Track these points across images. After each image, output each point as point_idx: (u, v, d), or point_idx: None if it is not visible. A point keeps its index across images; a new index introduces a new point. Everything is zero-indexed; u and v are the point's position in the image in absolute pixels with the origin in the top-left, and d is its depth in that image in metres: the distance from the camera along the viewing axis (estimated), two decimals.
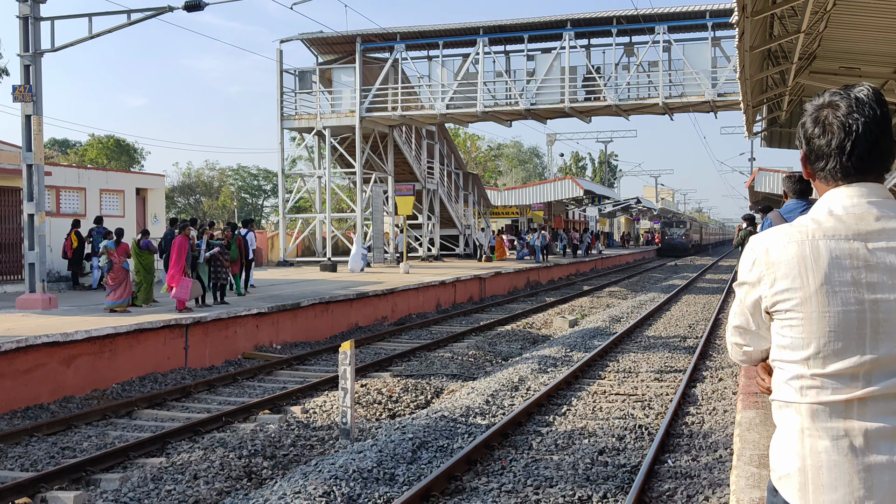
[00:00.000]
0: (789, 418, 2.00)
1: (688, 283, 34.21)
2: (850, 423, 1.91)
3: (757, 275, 2.02)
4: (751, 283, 2.05)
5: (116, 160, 62.94)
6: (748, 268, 2.06)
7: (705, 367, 13.61)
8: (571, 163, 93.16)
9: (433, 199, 38.84)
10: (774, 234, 2.02)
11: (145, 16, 16.38)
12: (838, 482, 1.90)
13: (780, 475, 2.01)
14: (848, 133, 1.98)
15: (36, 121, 15.52)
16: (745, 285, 2.08)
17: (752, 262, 2.04)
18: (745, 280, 2.08)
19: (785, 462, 2.00)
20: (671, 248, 68.86)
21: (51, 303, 15.32)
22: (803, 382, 1.96)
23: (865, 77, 12.43)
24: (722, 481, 7.34)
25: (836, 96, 2.02)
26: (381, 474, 7.64)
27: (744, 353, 2.22)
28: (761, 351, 2.17)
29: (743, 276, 2.09)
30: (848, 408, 1.91)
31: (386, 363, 14.30)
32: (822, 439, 1.93)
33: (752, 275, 2.04)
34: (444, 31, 32.42)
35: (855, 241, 1.94)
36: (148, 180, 26.00)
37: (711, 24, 29.61)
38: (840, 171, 2.01)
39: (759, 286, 2.03)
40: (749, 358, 2.22)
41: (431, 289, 23.59)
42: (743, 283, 2.09)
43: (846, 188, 2.00)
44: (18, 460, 8.72)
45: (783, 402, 2.02)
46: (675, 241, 69.32)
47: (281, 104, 33.52)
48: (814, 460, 1.94)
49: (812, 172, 2.10)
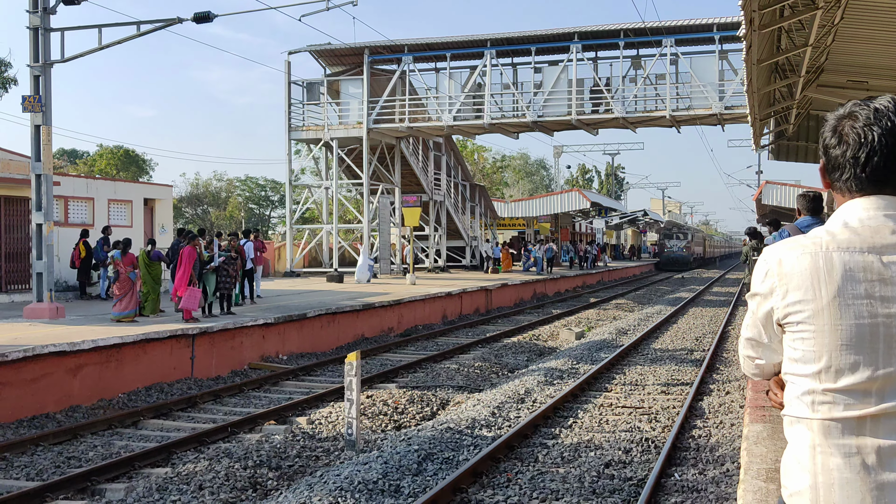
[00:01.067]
0: (801, 434, 1.97)
1: (695, 295, 34.12)
2: (863, 440, 1.88)
3: (769, 286, 2.00)
4: (763, 295, 2.03)
5: (125, 170, 63.21)
6: (761, 279, 2.04)
7: (712, 380, 13.55)
8: (578, 175, 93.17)
9: (440, 210, 38.86)
10: (788, 245, 1.99)
11: (155, 27, 16.48)
12: (850, 500, 1.87)
13: (792, 492, 1.99)
14: (863, 144, 1.94)
15: (45, 131, 15.60)
16: (757, 296, 2.06)
17: (764, 272, 2.02)
18: (757, 291, 2.05)
19: (796, 479, 1.97)
20: (670, 262, 64.44)
21: (58, 312, 15.35)
22: (815, 398, 1.93)
23: (873, 90, 12.43)
24: (729, 495, 7.30)
25: (856, 107, 2.00)
26: (386, 486, 7.62)
27: (756, 367, 2.19)
28: (774, 364, 2.14)
29: (755, 287, 2.06)
30: (860, 424, 1.88)
31: (392, 374, 14.28)
32: (834, 456, 1.90)
33: (764, 286, 2.02)
34: (452, 44, 32.53)
35: (870, 254, 1.91)
36: (156, 190, 26.09)
37: (719, 37, 29.62)
38: (855, 183, 1.98)
39: (771, 297, 2.00)
40: (762, 371, 2.20)
41: (438, 300, 23.57)
42: (755, 294, 2.06)
43: (863, 200, 1.97)
44: (24, 469, 8.73)
45: (795, 418, 1.99)
46: (674, 253, 64.51)
47: (289, 115, 33.63)
48: (825, 478, 1.91)
49: (830, 183, 2.07)
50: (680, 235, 65.03)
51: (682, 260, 63.75)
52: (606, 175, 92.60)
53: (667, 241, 65.18)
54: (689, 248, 64.61)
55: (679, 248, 63.90)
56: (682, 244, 63.96)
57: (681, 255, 63.83)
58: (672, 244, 64.32)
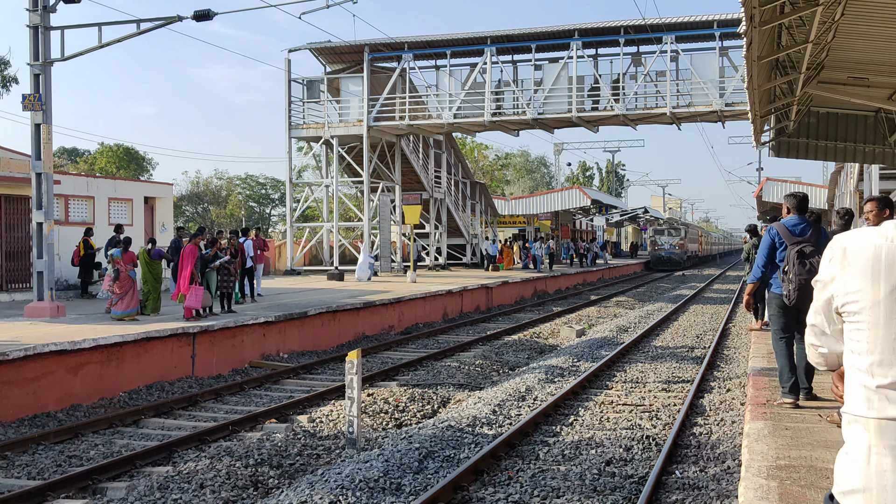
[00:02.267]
0: (858, 434, 1.97)
1: (695, 293, 34.11)
2: None
3: (831, 273, 2.01)
4: (824, 282, 2.04)
5: (125, 169, 63.23)
6: (825, 266, 2.05)
7: (713, 378, 13.55)
8: (579, 172, 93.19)
9: (440, 208, 38.87)
10: (855, 235, 2.00)
11: (154, 25, 16.47)
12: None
13: (844, 490, 1.97)
14: None
15: (45, 129, 15.60)
16: (819, 282, 2.07)
17: (828, 259, 2.04)
18: (820, 278, 2.07)
19: (850, 478, 1.96)
20: (661, 261, 57.57)
21: (59, 311, 15.35)
22: (869, 394, 1.93)
23: (874, 87, 12.41)
24: (730, 492, 7.29)
25: None
26: (387, 484, 7.62)
27: (819, 355, 2.19)
28: (836, 354, 2.14)
29: (819, 274, 2.08)
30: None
31: (392, 372, 14.28)
32: (888, 458, 1.89)
33: (826, 273, 2.04)
34: (452, 41, 32.51)
35: None
36: (156, 189, 26.09)
37: (719, 33, 29.60)
38: None
39: (831, 284, 2.01)
40: (825, 361, 2.19)
41: (438, 298, 23.57)
42: (818, 280, 2.08)
43: None
44: (25, 468, 8.73)
45: (853, 416, 1.99)
46: (665, 252, 57.66)
47: (289, 113, 33.62)
48: (879, 479, 1.89)
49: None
50: (672, 232, 59.39)
51: (674, 259, 57.58)
52: (607, 172, 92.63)
53: (658, 238, 59.16)
54: (682, 245, 58.64)
55: (671, 245, 57.98)
56: (674, 241, 58.12)
57: (673, 254, 57.75)
58: (664, 241, 58.37)
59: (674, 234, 58.61)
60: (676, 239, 57.98)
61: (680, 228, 60.02)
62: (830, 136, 15.41)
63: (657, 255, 57.91)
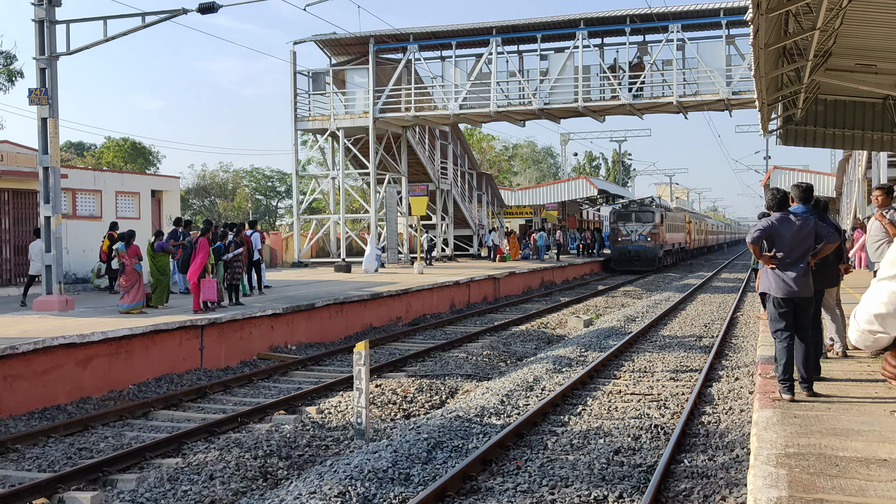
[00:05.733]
0: None
1: (703, 282, 34.04)
2: None
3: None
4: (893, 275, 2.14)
5: (132, 162, 63.30)
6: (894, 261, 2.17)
7: (721, 367, 13.54)
8: (585, 162, 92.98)
9: (447, 199, 38.86)
10: None
11: (160, 18, 16.45)
12: None
13: None
14: None
15: (52, 123, 15.62)
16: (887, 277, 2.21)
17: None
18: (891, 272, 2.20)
19: None
20: (626, 258, 41.25)
21: (67, 304, 15.41)
22: None
23: (882, 74, 12.35)
24: (739, 481, 7.29)
25: None
26: (396, 474, 7.64)
27: (875, 340, 2.31)
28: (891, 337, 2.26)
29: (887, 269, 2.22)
30: None
31: (400, 363, 14.30)
32: None
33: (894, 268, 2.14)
34: (458, 32, 32.43)
35: None
36: (163, 182, 26.15)
37: (725, 21, 29.48)
38: None
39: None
40: (877, 343, 2.31)
41: (445, 289, 23.58)
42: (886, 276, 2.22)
43: None
44: (36, 461, 8.78)
45: None
46: (632, 245, 41.07)
47: (295, 106, 33.62)
48: None
49: None
50: (643, 217, 41.56)
51: (644, 255, 40.94)
52: (613, 162, 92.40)
53: (621, 226, 41.70)
54: (656, 235, 41.16)
55: (641, 235, 40.99)
56: (645, 230, 40.98)
57: (641, 248, 40.95)
58: (630, 230, 41.24)
59: (644, 222, 41.23)
60: (648, 227, 40.96)
61: (653, 212, 41.76)
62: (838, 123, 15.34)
63: (620, 250, 41.65)
